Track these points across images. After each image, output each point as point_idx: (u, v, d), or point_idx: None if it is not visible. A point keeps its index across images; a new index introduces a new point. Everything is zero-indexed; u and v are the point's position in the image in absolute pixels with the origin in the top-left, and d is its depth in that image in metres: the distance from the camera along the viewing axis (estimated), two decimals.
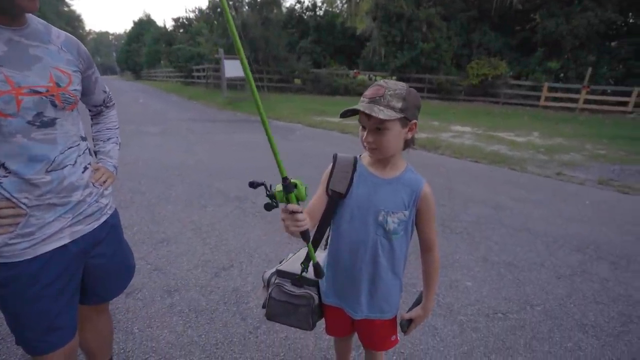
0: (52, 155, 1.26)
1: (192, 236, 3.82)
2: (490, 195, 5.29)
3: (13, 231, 1.24)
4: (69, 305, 1.41)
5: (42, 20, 1.31)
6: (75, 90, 1.33)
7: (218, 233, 3.89)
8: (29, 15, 1.24)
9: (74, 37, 1.38)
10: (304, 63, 21.01)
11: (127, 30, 52.31)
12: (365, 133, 1.31)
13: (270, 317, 1.59)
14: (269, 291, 1.58)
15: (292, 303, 1.53)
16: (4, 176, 1.20)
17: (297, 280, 1.56)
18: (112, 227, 1.54)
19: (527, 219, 4.52)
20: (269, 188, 1.25)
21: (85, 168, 1.41)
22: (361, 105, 1.27)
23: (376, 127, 1.27)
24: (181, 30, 34.84)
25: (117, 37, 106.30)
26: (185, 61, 26.79)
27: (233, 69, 16.58)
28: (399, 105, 1.25)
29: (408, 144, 1.37)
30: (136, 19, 56.73)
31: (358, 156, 1.47)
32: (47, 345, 1.37)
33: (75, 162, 1.35)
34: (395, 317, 1.58)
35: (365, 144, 1.33)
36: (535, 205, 5.00)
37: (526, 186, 5.85)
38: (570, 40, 16.06)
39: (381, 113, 1.23)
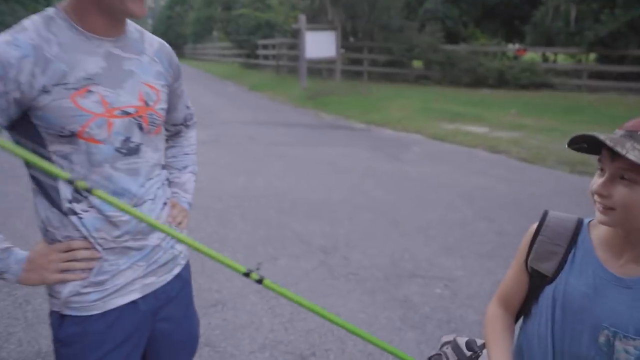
0: (134, 188, 1.16)
1: (257, 301, 2.85)
2: None
3: (86, 277, 1.14)
4: None
5: (136, 26, 1.23)
6: (162, 109, 1.23)
7: None
8: (128, 22, 1.17)
9: (166, 43, 1.30)
10: (431, 35, 13.71)
11: None
12: (599, 180, 0.88)
13: None
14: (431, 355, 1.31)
15: None
16: (85, 211, 1.12)
17: None
18: (185, 283, 1.38)
19: None
20: None
21: (164, 204, 1.28)
22: (606, 135, 0.84)
23: (621, 175, 0.85)
24: None
25: None
26: (249, 33, 19.74)
27: (318, 45, 11.43)
28: None
29: None
30: None
31: (586, 222, 1.01)
32: None
33: (155, 196, 1.22)
34: None
35: (595, 196, 0.89)
36: None
37: None
38: None
39: (634, 152, 0.80)
